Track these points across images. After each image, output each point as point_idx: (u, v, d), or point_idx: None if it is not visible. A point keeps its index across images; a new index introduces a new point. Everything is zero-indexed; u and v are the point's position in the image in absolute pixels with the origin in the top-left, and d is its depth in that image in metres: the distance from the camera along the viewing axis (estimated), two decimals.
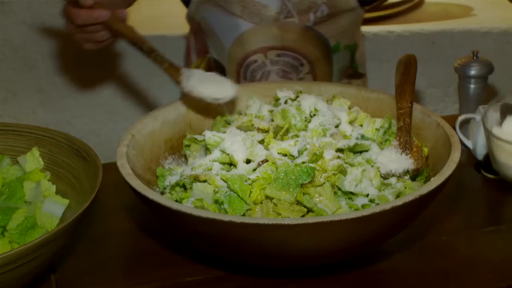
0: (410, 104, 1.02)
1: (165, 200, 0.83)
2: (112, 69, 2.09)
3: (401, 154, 0.99)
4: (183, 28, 1.06)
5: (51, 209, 0.94)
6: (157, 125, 1.05)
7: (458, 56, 1.30)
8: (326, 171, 0.91)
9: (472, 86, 1.27)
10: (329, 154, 0.93)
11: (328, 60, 1.38)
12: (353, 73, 1.44)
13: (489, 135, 1.03)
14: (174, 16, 2.13)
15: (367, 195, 0.92)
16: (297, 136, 0.99)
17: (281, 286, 0.92)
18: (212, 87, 1.02)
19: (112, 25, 1.08)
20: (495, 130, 1.05)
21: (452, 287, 0.93)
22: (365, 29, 2.11)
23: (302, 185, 0.88)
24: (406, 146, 0.99)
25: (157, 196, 0.84)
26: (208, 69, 1.40)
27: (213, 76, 1.05)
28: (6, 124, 1.06)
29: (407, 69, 1.06)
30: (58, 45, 2.06)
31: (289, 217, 0.86)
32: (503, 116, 1.09)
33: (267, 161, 0.92)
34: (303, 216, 0.87)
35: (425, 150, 1.01)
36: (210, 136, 0.99)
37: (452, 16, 2.24)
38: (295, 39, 1.33)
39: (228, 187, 0.90)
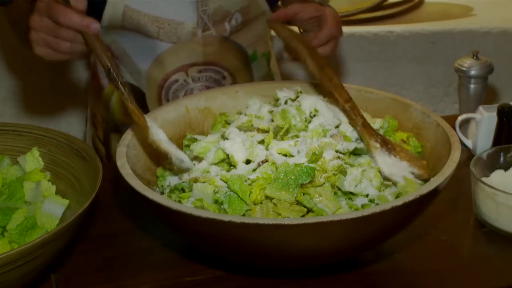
0: (346, 91, 0.99)
1: (165, 200, 0.83)
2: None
3: (389, 156, 0.97)
4: None
5: (51, 209, 0.94)
6: (157, 125, 1.05)
7: (458, 56, 1.30)
8: (326, 171, 0.91)
9: (472, 86, 1.27)
10: (329, 155, 0.93)
11: (248, 70, 1.35)
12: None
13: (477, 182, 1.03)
14: None
15: (367, 195, 0.92)
16: (297, 136, 0.99)
17: (281, 286, 0.92)
18: (175, 149, 0.97)
19: (93, 40, 0.97)
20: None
21: (452, 287, 0.93)
22: (365, 29, 2.11)
23: (302, 185, 0.88)
24: (388, 147, 0.96)
25: (157, 196, 0.84)
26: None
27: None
28: (6, 124, 1.06)
29: (312, 53, 1.01)
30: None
31: (289, 217, 0.86)
32: (491, 167, 1.09)
33: (267, 161, 0.92)
34: (303, 216, 0.87)
35: (409, 148, 1.00)
36: (197, 148, 0.98)
37: (452, 16, 2.24)
38: (215, 52, 1.29)
39: (228, 187, 0.90)
